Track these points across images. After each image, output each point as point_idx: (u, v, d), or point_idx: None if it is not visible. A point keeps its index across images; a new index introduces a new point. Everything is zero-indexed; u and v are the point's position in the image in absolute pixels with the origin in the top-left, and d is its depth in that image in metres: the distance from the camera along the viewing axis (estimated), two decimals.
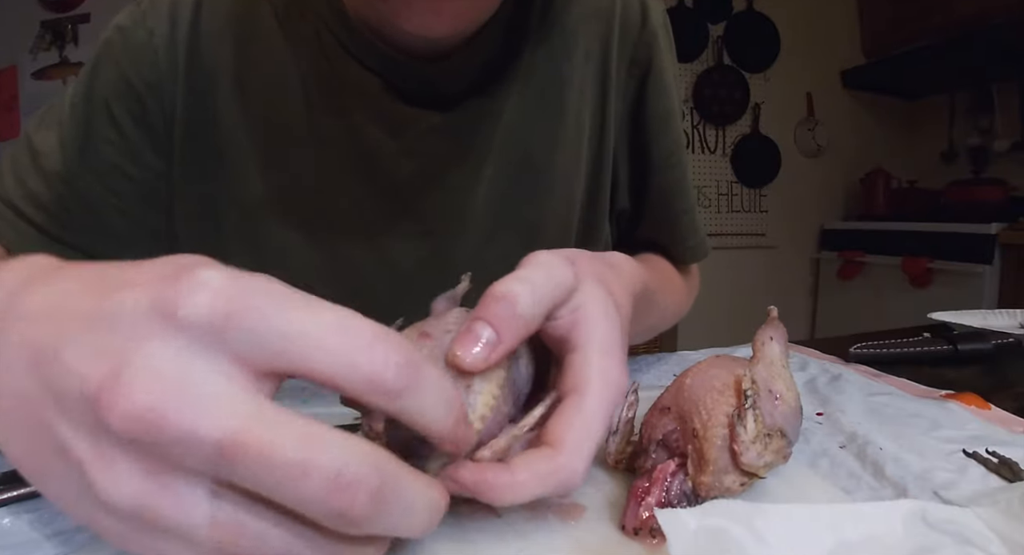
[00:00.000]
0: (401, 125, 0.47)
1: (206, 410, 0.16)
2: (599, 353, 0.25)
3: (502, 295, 0.23)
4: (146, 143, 0.46)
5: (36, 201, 0.45)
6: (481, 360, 0.22)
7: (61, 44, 1.98)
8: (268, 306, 0.17)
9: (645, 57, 0.54)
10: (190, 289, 0.17)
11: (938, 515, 0.23)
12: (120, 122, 0.45)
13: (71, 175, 0.45)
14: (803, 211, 2.68)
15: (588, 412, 0.24)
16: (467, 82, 0.48)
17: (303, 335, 0.17)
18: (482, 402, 0.23)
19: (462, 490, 0.22)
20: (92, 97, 0.45)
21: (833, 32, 2.63)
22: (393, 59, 0.45)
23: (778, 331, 0.34)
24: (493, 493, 0.22)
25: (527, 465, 0.22)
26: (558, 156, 0.52)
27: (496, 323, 0.23)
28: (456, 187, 0.50)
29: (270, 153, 0.47)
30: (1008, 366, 0.53)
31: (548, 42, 0.50)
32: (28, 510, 0.27)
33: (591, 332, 0.26)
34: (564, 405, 0.24)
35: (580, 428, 0.24)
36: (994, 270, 1.96)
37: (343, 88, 0.46)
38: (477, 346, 0.22)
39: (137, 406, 0.16)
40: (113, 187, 0.46)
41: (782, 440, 0.27)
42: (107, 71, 0.45)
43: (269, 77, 0.46)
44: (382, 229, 0.50)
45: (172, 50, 0.45)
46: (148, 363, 0.16)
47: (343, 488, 0.16)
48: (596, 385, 0.25)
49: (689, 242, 0.60)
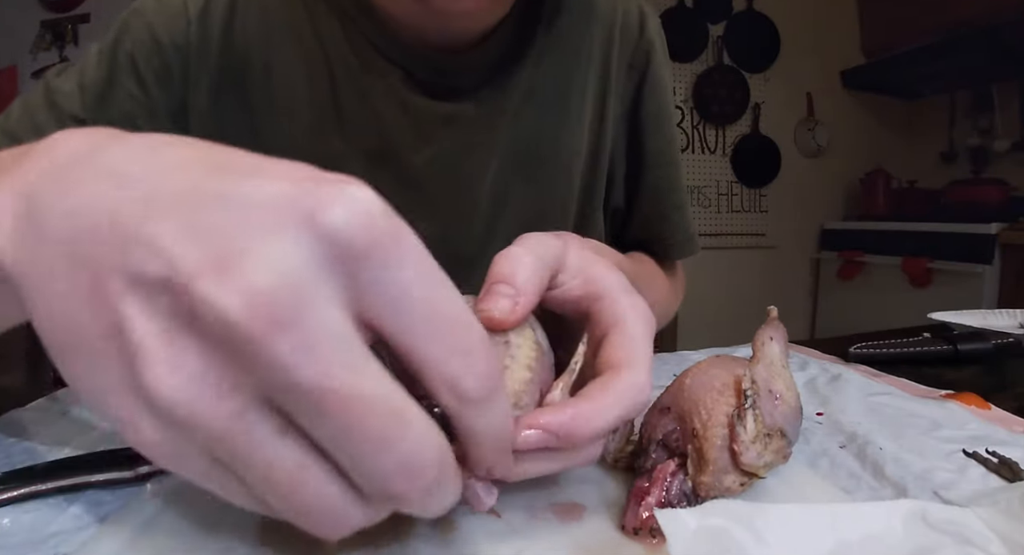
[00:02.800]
0: (419, 114, 0.49)
1: (318, 343, 0.14)
2: (623, 292, 0.26)
3: (505, 255, 0.25)
4: (164, 105, 0.47)
5: (42, 133, 0.44)
6: (509, 310, 0.23)
7: (61, 44, 1.98)
8: (412, 259, 0.16)
9: (642, 62, 0.58)
10: (342, 199, 0.15)
11: (938, 515, 0.23)
12: (144, 78, 0.46)
13: (87, 117, 0.45)
14: (803, 211, 2.68)
15: (634, 336, 0.25)
16: (481, 77, 0.51)
17: (428, 305, 0.16)
18: (524, 354, 0.23)
19: (551, 436, 0.21)
20: (118, 50, 0.46)
21: (833, 32, 2.63)
22: (414, 51, 0.48)
23: (778, 331, 0.34)
24: (583, 424, 0.22)
25: (602, 388, 0.23)
26: (560, 151, 0.55)
27: (511, 279, 0.24)
28: (465, 177, 0.52)
29: (296, 137, 0.49)
30: (1008, 366, 0.53)
31: (555, 44, 0.53)
32: (28, 510, 0.27)
33: (607, 280, 0.27)
34: (609, 338, 0.25)
35: (633, 348, 0.24)
36: (994, 270, 1.96)
37: (367, 77, 0.48)
38: (501, 299, 0.23)
39: (244, 301, 0.13)
40: None
41: (782, 440, 0.27)
42: (137, 28, 0.46)
43: (297, 64, 0.48)
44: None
45: (204, 25, 0.46)
46: (273, 259, 0.14)
47: (406, 474, 0.16)
48: (632, 316, 0.26)
49: (678, 237, 0.63)
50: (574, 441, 0.22)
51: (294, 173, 0.16)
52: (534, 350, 0.24)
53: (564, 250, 0.27)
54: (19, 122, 0.45)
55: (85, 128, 0.19)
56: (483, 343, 0.17)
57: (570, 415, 0.22)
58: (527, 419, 0.22)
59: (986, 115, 2.46)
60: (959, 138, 2.60)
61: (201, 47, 0.46)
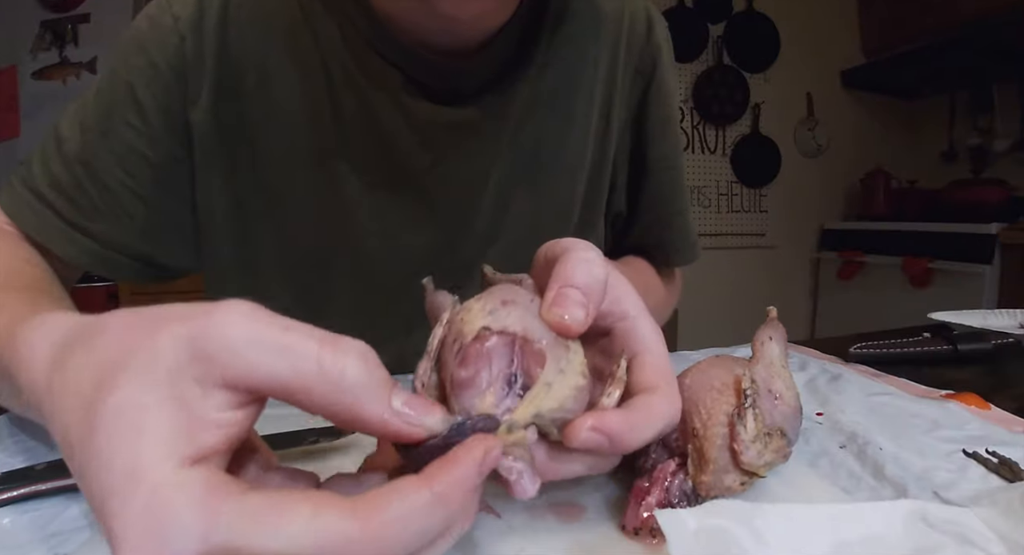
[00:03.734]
0: (419, 118, 0.48)
1: None
2: (645, 316, 0.27)
3: (579, 259, 0.25)
4: (167, 128, 0.46)
5: (58, 186, 0.45)
6: (582, 321, 0.24)
7: (61, 44, 1.98)
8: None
9: (649, 67, 0.57)
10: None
11: (938, 515, 0.23)
12: (143, 105, 0.45)
13: (90, 156, 0.45)
14: (803, 211, 2.68)
15: (662, 361, 0.26)
16: (484, 81, 0.49)
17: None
18: (579, 360, 0.24)
19: (605, 439, 0.22)
20: (116, 81, 0.46)
21: (833, 32, 2.63)
22: (416, 55, 0.46)
23: (777, 331, 0.34)
24: (633, 433, 0.23)
25: (647, 405, 0.24)
26: (564, 156, 0.54)
27: (584, 288, 0.25)
28: (467, 182, 0.51)
29: (296, 143, 0.48)
30: (1008, 366, 0.53)
31: (561, 47, 0.52)
32: (28, 510, 0.27)
33: (630, 301, 0.27)
34: (641, 361, 0.26)
35: (665, 371, 0.26)
36: (994, 270, 1.96)
37: (365, 80, 0.47)
38: (576, 309, 0.24)
39: None
40: (130, 169, 0.46)
41: (782, 439, 0.27)
42: (133, 56, 0.46)
43: (294, 69, 0.47)
44: (395, 218, 0.51)
45: (198, 38, 0.46)
46: None
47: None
48: (656, 341, 0.27)
49: (680, 244, 0.63)
50: (622, 447, 0.23)
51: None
52: (586, 360, 0.24)
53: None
54: (40, 177, 0.46)
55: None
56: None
57: (628, 425, 0.23)
58: (588, 420, 0.22)
59: (986, 115, 2.46)
60: (959, 138, 2.60)
61: (197, 61, 0.46)
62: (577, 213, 0.57)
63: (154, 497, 0.17)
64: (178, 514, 0.16)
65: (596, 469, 0.24)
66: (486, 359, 0.22)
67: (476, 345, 0.22)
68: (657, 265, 0.65)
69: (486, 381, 0.22)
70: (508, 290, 0.25)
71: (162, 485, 0.17)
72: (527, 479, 0.21)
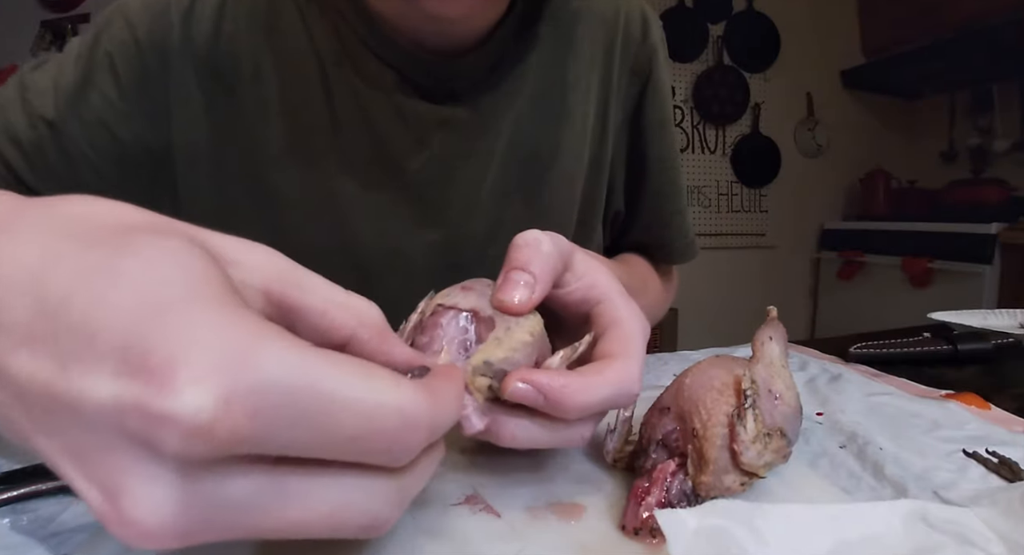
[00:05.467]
0: (415, 118, 0.48)
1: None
2: (622, 297, 0.28)
3: (525, 242, 0.27)
4: (140, 109, 0.45)
5: (13, 136, 0.43)
6: (526, 300, 0.26)
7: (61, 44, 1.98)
8: (277, 395, 0.15)
9: (645, 68, 0.57)
10: (172, 409, 0.13)
11: (938, 515, 0.23)
12: (122, 80, 0.44)
13: (58, 119, 0.43)
14: (803, 211, 2.69)
15: (630, 333, 0.27)
16: (479, 80, 0.49)
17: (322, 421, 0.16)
18: (529, 323, 0.26)
19: (539, 396, 0.23)
20: (97, 50, 0.44)
21: (833, 32, 2.63)
22: (410, 54, 0.46)
23: (777, 331, 0.34)
24: (571, 395, 0.23)
25: (595, 370, 0.25)
26: (561, 156, 0.54)
27: (529, 267, 0.26)
28: (464, 181, 0.51)
29: (290, 142, 0.48)
30: (1008, 366, 0.53)
31: (556, 47, 0.52)
32: (28, 510, 0.27)
33: (608, 286, 0.29)
34: (607, 334, 0.27)
35: (628, 343, 0.26)
36: (994, 270, 1.97)
37: (361, 80, 0.47)
38: (520, 289, 0.26)
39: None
40: (94, 142, 0.44)
41: (782, 440, 0.27)
42: (118, 27, 0.45)
43: (289, 67, 0.47)
44: (391, 219, 0.51)
45: (188, 29, 0.45)
46: (145, 501, 0.14)
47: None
48: (628, 317, 0.28)
49: (678, 242, 0.64)
50: (561, 409, 0.23)
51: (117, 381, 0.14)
52: (539, 325, 0.26)
53: (572, 248, 0.29)
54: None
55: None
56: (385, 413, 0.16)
57: (561, 383, 0.23)
58: (520, 373, 0.23)
59: (986, 115, 2.46)
60: (959, 138, 2.60)
61: (184, 50, 0.45)
62: (575, 213, 0.57)
63: (219, 314, 0.15)
64: (258, 332, 0.15)
65: (558, 438, 0.25)
66: (440, 327, 0.25)
67: (432, 318, 0.26)
68: (655, 263, 0.65)
69: (441, 343, 0.25)
70: (472, 281, 0.28)
71: (227, 304, 0.15)
72: (474, 415, 0.24)
